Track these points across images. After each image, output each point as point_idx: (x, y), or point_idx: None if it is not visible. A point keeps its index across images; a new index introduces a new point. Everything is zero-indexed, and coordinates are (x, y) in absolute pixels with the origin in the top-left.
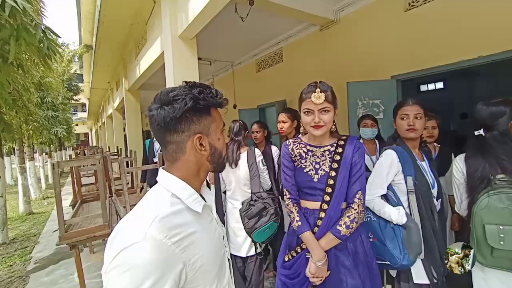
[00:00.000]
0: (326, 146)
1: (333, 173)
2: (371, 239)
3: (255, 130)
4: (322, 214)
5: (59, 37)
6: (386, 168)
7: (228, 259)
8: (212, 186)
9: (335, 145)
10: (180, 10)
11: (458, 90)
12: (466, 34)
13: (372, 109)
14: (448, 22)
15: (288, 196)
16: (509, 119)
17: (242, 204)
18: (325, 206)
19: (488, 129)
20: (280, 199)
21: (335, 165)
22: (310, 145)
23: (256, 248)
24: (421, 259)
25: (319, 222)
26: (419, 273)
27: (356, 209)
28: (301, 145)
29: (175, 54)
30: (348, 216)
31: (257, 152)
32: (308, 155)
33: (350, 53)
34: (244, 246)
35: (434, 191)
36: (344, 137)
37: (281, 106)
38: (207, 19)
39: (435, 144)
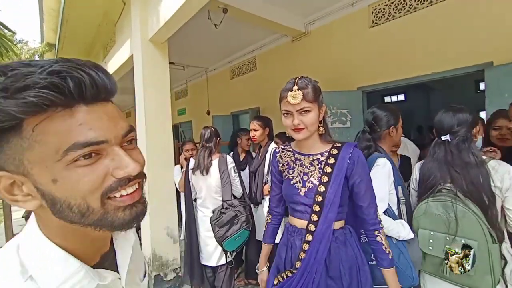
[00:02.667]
0: (316, 154)
1: (322, 188)
2: (372, 263)
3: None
4: (309, 237)
5: (13, 32)
6: (385, 179)
7: None
8: (182, 194)
9: (326, 153)
10: (151, 13)
11: (417, 102)
12: (421, 51)
13: (340, 118)
14: (405, 40)
15: (269, 206)
16: (472, 127)
17: (213, 212)
18: (312, 227)
19: (452, 135)
20: (252, 206)
21: (325, 179)
22: (298, 153)
23: (226, 257)
24: None
25: (306, 246)
26: None
27: (382, 236)
28: (289, 152)
29: (145, 58)
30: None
31: (229, 159)
32: (296, 165)
33: (320, 64)
34: (215, 255)
35: None
36: (338, 145)
37: (254, 114)
38: (179, 24)
39: (397, 153)
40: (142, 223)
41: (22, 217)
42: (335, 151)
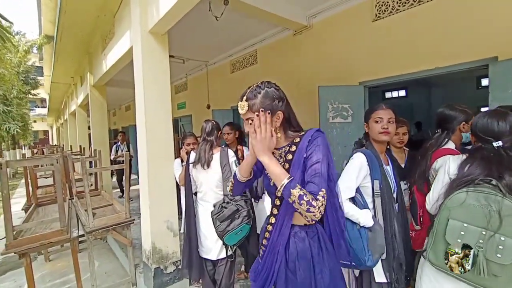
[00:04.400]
0: (283, 147)
1: None
2: None
3: (226, 132)
4: (273, 220)
5: (11, 23)
6: (356, 170)
7: None
8: (183, 188)
9: (290, 144)
10: (151, 4)
11: (418, 98)
12: (425, 46)
13: (341, 113)
14: (409, 35)
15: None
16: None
17: (214, 206)
18: (275, 211)
19: (504, 141)
20: (253, 201)
21: (287, 166)
22: None
23: (227, 250)
24: (381, 260)
25: (270, 228)
26: (379, 273)
27: (317, 205)
28: None
29: (145, 50)
30: (309, 196)
31: (230, 153)
32: None
33: (322, 58)
34: (215, 249)
35: (395, 195)
36: (302, 133)
37: None
38: (179, 15)
39: (404, 148)
40: (142, 216)
41: (22, 209)
42: (297, 140)
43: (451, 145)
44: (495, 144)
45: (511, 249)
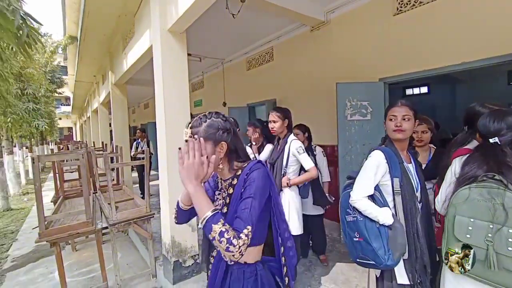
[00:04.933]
0: (228, 179)
1: (225, 209)
2: (356, 239)
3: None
4: (215, 252)
5: (41, 24)
6: (374, 168)
7: None
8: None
9: (233, 176)
10: (170, 3)
11: (442, 95)
12: (450, 40)
13: (360, 110)
14: (433, 28)
15: None
16: None
17: None
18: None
19: (500, 138)
20: None
21: (228, 200)
22: (218, 177)
23: None
24: (404, 260)
25: (212, 259)
26: (402, 274)
27: (238, 244)
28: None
29: (164, 48)
30: (231, 233)
31: (248, 150)
32: (220, 189)
33: (340, 54)
34: None
35: (418, 194)
36: (245, 165)
37: (271, 105)
38: (198, 13)
39: (431, 145)
40: (162, 211)
41: (51, 201)
42: (239, 172)
43: (474, 144)
44: (491, 140)
45: None
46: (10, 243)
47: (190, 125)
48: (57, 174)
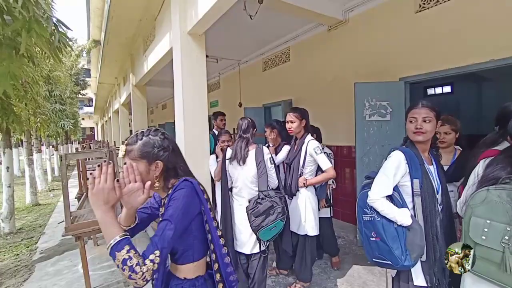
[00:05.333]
0: (164, 198)
1: None
2: (373, 238)
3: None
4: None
5: (70, 30)
6: (393, 169)
7: None
8: (217, 183)
9: (166, 196)
10: (190, 6)
11: (467, 95)
12: (476, 37)
13: (379, 111)
14: (457, 25)
15: None
16: None
17: (249, 202)
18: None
19: None
20: (287, 198)
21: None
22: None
23: (260, 245)
24: (421, 262)
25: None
26: (419, 275)
27: (141, 271)
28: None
29: (184, 51)
30: (135, 259)
31: (265, 150)
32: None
33: (358, 53)
34: (249, 243)
35: (439, 196)
36: (176, 183)
37: (287, 106)
38: (217, 16)
39: (456, 147)
40: None
41: (75, 197)
42: (170, 191)
43: (505, 146)
44: None
45: None
46: (38, 236)
47: (126, 142)
48: (81, 172)
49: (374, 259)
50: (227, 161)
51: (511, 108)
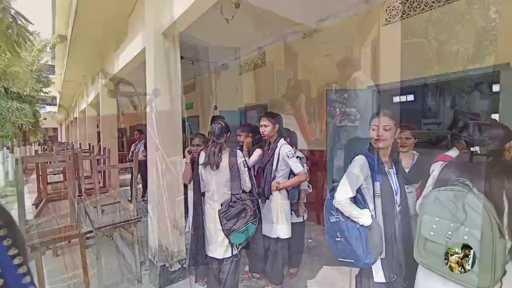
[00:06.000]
0: None
1: None
2: (338, 239)
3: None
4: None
5: (31, 23)
6: (356, 172)
7: None
8: (188, 186)
9: None
10: (165, 7)
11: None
12: (436, 50)
13: (349, 117)
14: (421, 38)
15: None
16: (503, 142)
17: (221, 205)
18: None
19: (482, 148)
20: (260, 201)
21: None
22: None
23: (232, 250)
24: (381, 259)
25: None
26: (378, 272)
27: None
28: None
29: (157, 51)
30: None
31: (239, 153)
32: None
33: (330, 61)
34: (221, 248)
35: (397, 198)
36: None
37: (262, 110)
38: (193, 17)
39: (414, 152)
40: (150, 214)
41: (32, 204)
42: None
43: (455, 151)
44: (472, 149)
45: (475, 239)
46: None
47: None
48: (40, 176)
49: (339, 259)
50: (200, 166)
51: (462, 116)
